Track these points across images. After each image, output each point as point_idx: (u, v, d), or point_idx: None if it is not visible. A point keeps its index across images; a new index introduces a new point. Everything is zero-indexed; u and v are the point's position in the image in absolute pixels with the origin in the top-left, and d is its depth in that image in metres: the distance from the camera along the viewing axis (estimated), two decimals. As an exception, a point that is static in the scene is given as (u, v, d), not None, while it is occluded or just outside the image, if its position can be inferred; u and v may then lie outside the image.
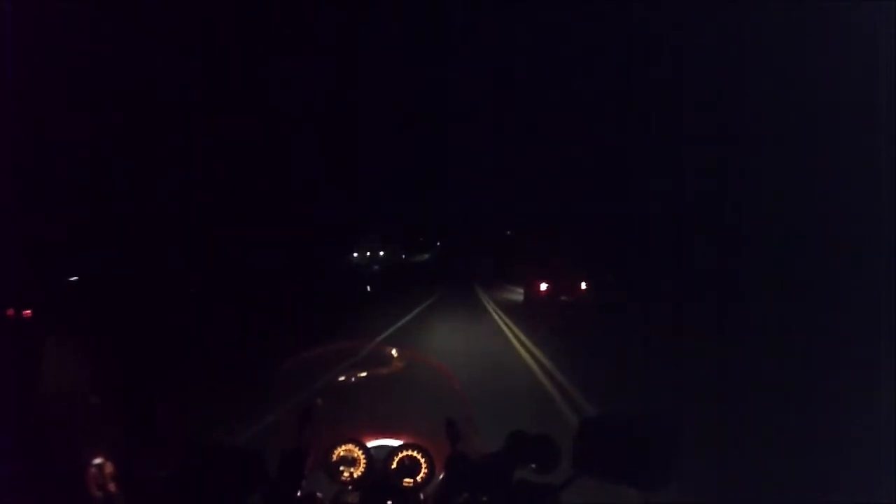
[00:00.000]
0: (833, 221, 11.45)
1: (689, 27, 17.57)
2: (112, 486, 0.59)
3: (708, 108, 16.95)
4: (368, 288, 26.45)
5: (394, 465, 1.17)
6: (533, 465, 1.05)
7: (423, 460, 1.18)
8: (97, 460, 0.57)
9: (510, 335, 11.73)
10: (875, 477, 3.27)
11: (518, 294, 25.12)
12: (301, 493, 1.07)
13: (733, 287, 14.10)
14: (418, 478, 1.16)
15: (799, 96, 12.42)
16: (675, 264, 18.69)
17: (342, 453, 1.18)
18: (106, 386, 0.65)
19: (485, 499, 1.02)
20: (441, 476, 1.14)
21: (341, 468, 1.17)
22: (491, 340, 11.11)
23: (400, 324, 13.80)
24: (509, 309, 18.82)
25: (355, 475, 1.16)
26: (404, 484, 1.15)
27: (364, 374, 1.38)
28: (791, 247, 13.25)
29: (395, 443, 1.23)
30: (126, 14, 11.69)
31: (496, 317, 16.37)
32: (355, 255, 48.11)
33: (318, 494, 1.09)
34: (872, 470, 3.36)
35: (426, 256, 78.92)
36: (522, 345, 10.19)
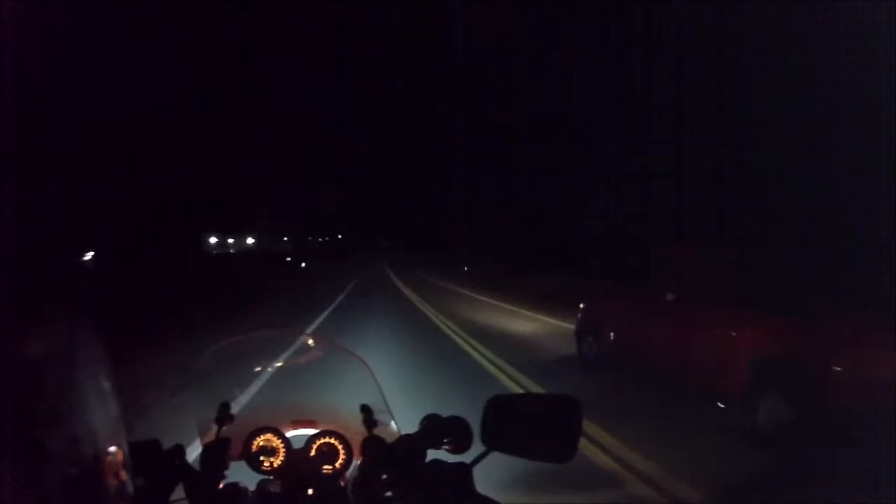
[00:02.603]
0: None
1: (689, 27, 17.60)
2: (123, 474, 0.59)
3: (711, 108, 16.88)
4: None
5: (312, 453, 1.19)
6: (446, 446, 1.10)
7: (340, 446, 1.20)
8: (112, 448, 0.58)
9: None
10: (875, 477, 3.27)
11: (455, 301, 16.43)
12: (224, 484, 1.10)
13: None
14: (337, 464, 1.19)
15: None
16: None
17: (262, 443, 1.20)
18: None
19: (400, 478, 1.06)
20: (359, 460, 1.18)
21: (262, 458, 1.18)
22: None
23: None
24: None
25: (275, 464, 1.18)
26: (324, 470, 1.18)
27: (280, 363, 1.41)
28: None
29: (313, 431, 1.25)
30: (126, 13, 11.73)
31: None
32: (213, 241, 40.46)
33: (241, 485, 1.12)
34: (872, 470, 3.36)
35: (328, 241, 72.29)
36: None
